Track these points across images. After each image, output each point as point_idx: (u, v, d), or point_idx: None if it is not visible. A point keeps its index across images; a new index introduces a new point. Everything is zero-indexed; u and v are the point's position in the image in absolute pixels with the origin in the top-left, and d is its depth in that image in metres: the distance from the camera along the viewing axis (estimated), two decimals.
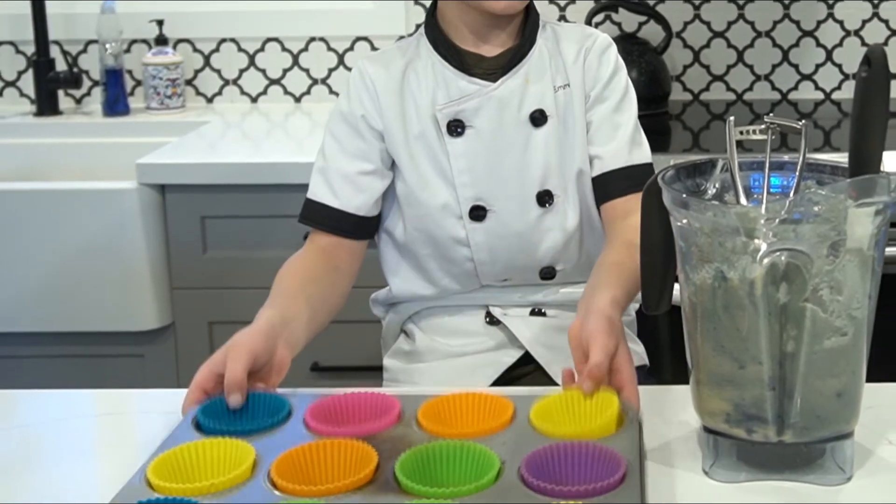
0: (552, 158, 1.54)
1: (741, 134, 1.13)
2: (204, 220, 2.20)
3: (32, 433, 1.27)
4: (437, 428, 1.14)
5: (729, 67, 2.71)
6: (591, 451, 1.06)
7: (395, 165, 1.57)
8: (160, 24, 2.69)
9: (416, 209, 1.56)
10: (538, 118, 1.54)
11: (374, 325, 1.77)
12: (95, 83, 2.78)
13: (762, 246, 1.02)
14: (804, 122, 1.11)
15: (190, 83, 2.78)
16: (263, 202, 2.17)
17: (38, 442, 1.24)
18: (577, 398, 1.18)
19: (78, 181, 2.33)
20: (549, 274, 1.59)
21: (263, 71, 2.78)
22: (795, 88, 2.71)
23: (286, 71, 2.77)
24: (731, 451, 1.09)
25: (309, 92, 2.78)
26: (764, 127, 1.13)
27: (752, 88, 2.72)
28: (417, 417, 1.17)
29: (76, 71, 2.68)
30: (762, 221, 1.02)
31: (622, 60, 1.60)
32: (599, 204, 1.57)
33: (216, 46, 2.77)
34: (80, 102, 2.81)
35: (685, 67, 2.72)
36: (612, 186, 1.55)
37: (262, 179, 2.17)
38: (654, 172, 1.25)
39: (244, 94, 2.79)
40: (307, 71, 2.77)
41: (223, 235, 2.20)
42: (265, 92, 2.79)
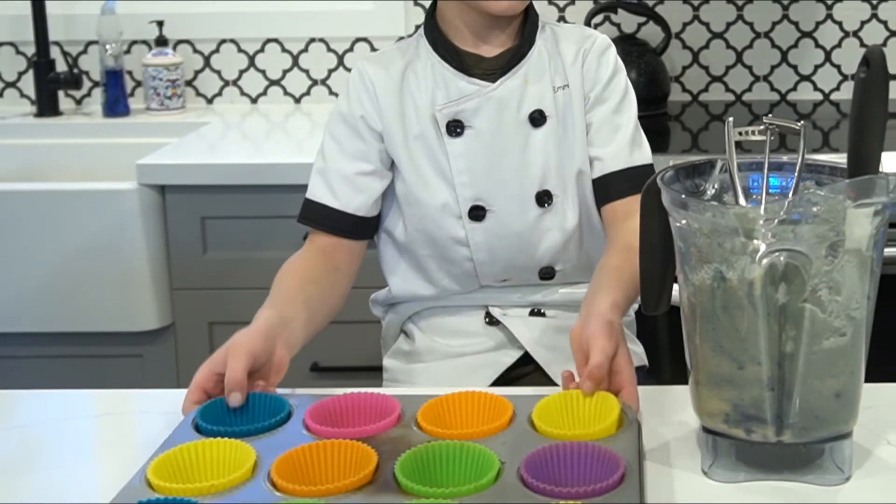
0: (551, 159, 1.55)
1: (740, 135, 1.13)
2: (204, 220, 2.20)
3: (32, 433, 1.27)
4: (436, 429, 1.14)
5: (728, 68, 2.71)
6: (590, 451, 1.07)
7: (394, 166, 1.57)
8: (160, 24, 2.69)
9: (415, 209, 1.56)
10: (537, 118, 1.54)
11: (373, 325, 1.77)
12: (96, 84, 2.78)
13: (761, 246, 1.02)
14: (803, 122, 1.11)
15: (190, 84, 2.78)
16: (263, 203, 2.18)
17: (38, 442, 1.24)
18: (576, 399, 1.18)
19: (78, 182, 2.33)
20: (548, 274, 1.59)
21: (263, 72, 2.78)
22: (794, 89, 2.71)
23: (286, 72, 2.77)
24: (730, 451, 1.10)
25: (309, 93, 2.78)
26: (763, 128, 1.13)
27: (751, 89, 2.72)
28: (417, 418, 1.17)
29: (76, 72, 2.68)
30: (761, 222, 1.02)
31: (621, 61, 1.60)
32: (600, 205, 1.57)
33: (216, 47, 2.77)
34: (80, 103, 2.81)
35: (684, 68, 2.72)
36: (612, 188, 1.55)
37: (262, 180, 2.17)
38: (654, 173, 1.25)
39: (244, 94, 2.79)
40: (307, 72, 2.77)
41: (223, 236, 2.20)
42: (265, 93, 2.79)
